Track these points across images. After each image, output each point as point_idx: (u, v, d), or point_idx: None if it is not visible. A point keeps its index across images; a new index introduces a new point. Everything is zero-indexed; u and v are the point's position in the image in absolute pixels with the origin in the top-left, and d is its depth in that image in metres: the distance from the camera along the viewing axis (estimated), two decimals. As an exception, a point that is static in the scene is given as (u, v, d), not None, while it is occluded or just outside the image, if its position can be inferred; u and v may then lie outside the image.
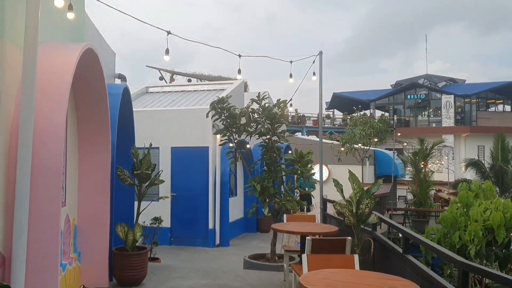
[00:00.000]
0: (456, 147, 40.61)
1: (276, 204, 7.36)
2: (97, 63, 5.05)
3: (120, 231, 5.93)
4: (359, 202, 4.30)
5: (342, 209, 4.40)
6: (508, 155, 27.02)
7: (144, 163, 6.21)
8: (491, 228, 7.74)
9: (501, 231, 7.75)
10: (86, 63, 4.91)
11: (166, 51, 5.97)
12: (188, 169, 11.68)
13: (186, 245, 11.49)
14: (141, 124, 11.74)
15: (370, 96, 45.86)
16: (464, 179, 29.05)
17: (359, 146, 17.58)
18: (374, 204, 4.37)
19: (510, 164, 26.00)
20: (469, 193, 8.52)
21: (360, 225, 4.42)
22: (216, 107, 7.75)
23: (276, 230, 5.47)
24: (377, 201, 15.81)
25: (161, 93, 14.43)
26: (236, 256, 10.37)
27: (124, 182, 6.08)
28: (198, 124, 11.56)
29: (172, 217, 11.78)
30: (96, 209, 5.81)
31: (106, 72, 7.88)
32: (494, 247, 7.88)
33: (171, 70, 30.58)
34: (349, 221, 4.37)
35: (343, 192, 4.76)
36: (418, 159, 18.31)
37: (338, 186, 4.74)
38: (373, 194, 4.47)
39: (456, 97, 42.67)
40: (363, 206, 4.30)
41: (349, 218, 4.33)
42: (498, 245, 7.81)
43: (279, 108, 7.59)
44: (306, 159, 7.36)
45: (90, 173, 5.77)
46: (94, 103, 5.54)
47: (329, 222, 6.97)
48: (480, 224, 7.82)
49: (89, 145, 5.71)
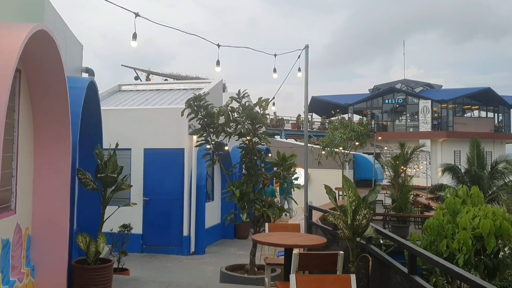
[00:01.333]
0: (433, 152, 40.82)
1: (256, 211, 6.78)
2: (53, 49, 4.38)
3: (81, 242, 5.24)
4: (355, 212, 3.75)
5: (336, 220, 3.84)
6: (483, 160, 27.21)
7: (109, 165, 5.53)
8: (480, 236, 7.37)
9: (491, 240, 7.36)
10: (40, 48, 4.24)
11: (134, 35, 5.32)
12: (162, 172, 11.02)
13: (159, 252, 10.80)
14: (112, 124, 11.03)
15: (348, 100, 45.82)
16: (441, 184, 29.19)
17: (340, 149, 17.15)
18: (373, 215, 3.83)
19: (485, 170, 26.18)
20: (456, 199, 8.14)
21: (355, 239, 3.87)
22: (192, 105, 7.13)
23: (258, 242, 4.89)
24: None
25: (135, 92, 13.71)
26: (212, 265, 9.74)
27: (86, 187, 5.40)
28: (173, 124, 10.92)
29: (145, 223, 11.08)
30: (54, 217, 5.12)
31: (72, 65, 7.19)
32: (483, 256, 7.51)
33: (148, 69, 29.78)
34: (343, 235, 3.82)
35: (336, 200, 4.19)
36: (398, 163, 17.99)
37: (331, 193, 4.17)
38: (370, 203, 3.93)
39: (433, 102, 42.96)
40: (359, 217, 3.75)
41: (344, 231, 3.79)
42: (487, 254, 7.45)
43: (261, 107, 7.03)
44: (289, 162, 6.80)
45: (46, 176, 5.07)
46: (52, 96, 4.87)
47: (314, 232, 6.43)
48: (469, 232, 7.43)
49: (46, 144, 5.03)
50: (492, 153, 38.45)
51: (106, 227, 7.77)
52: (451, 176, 26.80)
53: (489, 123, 44.47)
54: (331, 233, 5.61)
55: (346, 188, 3.90)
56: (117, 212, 6.96)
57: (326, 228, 5.96)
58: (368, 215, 3.75)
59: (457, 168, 27.22)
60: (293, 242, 4.52)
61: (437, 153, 41.59)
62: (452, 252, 7.54)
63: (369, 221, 3.83)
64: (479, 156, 26.83)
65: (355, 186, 3.94)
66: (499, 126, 45.23)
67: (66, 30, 6.61)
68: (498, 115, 45.66)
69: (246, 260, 9.51)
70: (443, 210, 8.36)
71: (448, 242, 7.75)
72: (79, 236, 5.26)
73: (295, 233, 5.39)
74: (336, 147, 16.95)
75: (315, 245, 4.48)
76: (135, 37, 5.30)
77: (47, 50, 4.36)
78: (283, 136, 36.72)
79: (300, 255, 3.71)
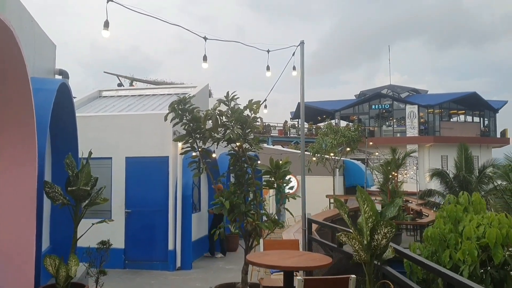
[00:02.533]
0: (420, 157, 40.70)
1: (248, 225, 6.15)
2: (11, 41, 3.73)
3: (49, 265, 4.56)
4: (373, 231, 3.15)
5: (351, 241, 3.24)
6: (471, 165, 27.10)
7: (81, 176, 4.86)
8: (486, 246, 6.93)
9: (498, 250, 6.87)
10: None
11: (105, 23, 4.65)
12: (145, 182, 10.34)
13: (142, 268, 10.10)
14: (91, 131, 10.37)
15: (335, 106, 45.59)
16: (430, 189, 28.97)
17: (331, 156, 16.64)
18: (394, 233, 3.22)
19: (473, 174, 26.05)
20: (458, 207, 7.69)
21: (373, 262, 3.26)
22: (176, 108, 6.49)
23: (253, 264, 4.26)
24: (352, 215, 14.94)
25: (116, 98, 13.03)
26: (200, 281, 9.08)
27: (55, 202, 4.72)
28: (157, 131, 10.27)
29: (127, 236, 10.37)
30: (17, 236, 4.45)
31: (42, 65, 6.52)
32: (489, 268, 7.05)
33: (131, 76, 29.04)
34: (359, 258, 3.22)
35: (348, 215, 3.56)
36: (390, 169, 17.56)
37: (343, 209, 3.54)
38: (391, 219, 3.33)
39: (419, 107, 42.91)
40: (379, 236, 3.15)
41: (360, 253, 3.18)
42: (493, 264, 6.99)
43: (251, 110, 6.43)
44: (284, 170, 6.20)
45: (7, 189, 4.40)
46: (13, 99, 4.20)
47: (315, 249, 5.80)
48: (474, 242, 6.98)
49: (5, 152, 4.36)
50: (479, 157, 38.46)
51: (84, 242, 7.09)
52: (439, 181, 26.61)
53: (475, 128, 44.59)
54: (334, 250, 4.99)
55: (360, 201, 3.30)
56: (96, 226, 6.29)
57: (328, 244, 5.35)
58: (390, 234, 3.16)
59: (445, 173, 27.01)
60: (294, 264, 3.91)
61: (424, 158, 41.50)
62: (456, 264, 7.08)
63: (389, 241, 3.24)
64: (467, 161, 26.74)
65: (370, 198, 3.36)
66: (485, 130, 45.34)
67: (34, 26, 5.94)
68: (484, 120, 45.81)
69: (237, 276, 8.83)
70: (443, 218, 7.90)
71: (451, 252, 7.29)
72: (47, 259, 4.58)
73: (294, 252, 4.78)
74: (326, 153, 16.43)
75: (319, 267, 3.89)
76: (107, 25, 4.65)
77: (3, 42, 3.71)
78: (270, 143, 36.20)
79: (306, 281, 3.11)
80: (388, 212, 3.39)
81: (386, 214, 3.38)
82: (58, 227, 6.70)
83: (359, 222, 3.34)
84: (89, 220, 6.48)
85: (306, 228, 6.34)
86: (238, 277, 7.88)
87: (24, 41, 5.09)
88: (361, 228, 3.29)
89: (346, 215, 3.54)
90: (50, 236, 6.73)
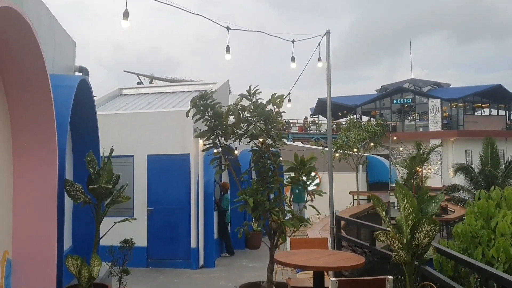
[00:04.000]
0: (444, 152, 39.89)
1: (273, 223, 5.96)
2: (28, 35, 3.61)
3: (71, 266, 4.46)
4: (414, 229, 2.93)
5: (390, 240, 3.02)
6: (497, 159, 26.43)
7: (103, 174, 4.74)
8: (521, 243, 6.64)
9: (535, 248, 6.61)
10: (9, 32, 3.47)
11: (125, 13, 4.48)
12: (167, 180, 10.26)
13: (165, 266, 10.03)
14: (112, 129, 10.32)
15: (356, 101, 44.97)
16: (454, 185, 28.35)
17: (354, 151, 16.33)
18: (438, 231, 2.99)
19: (499, 169, 25.41)
20: (489, 202, 7.40)
21: (414, 263, 3.04)
22: (198, 104, 6.33)
23: (282, 264, 4.07)
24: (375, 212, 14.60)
25: (136, 95, 12.97)
26: (224, 280, 8.96)
27: (76, 200, 4.61)
28: (178, 129, 10.17)
29: (149, 234, 10.31)
30: (38, 237, 4.35)
31: (62, 62, 6.43)
32: (525, 266, 6.75)
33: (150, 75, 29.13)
34: (398, 258, 3.00)
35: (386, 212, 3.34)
36: (414, 164, 17.15)
37: (380, 205, 3.32)
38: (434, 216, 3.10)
39: (442, 101, 42.03)
40: (420, 235, 2.93)
41: (400, 253, 2.96)
42: (530, 263, 6.68)
43: (275, 105, 6.23)
44: (309, 166, 5.99)
45: (28, 188, 4.30)
46: (32, 92, 4.10)
47: (345, 248, 5.58)
48: (508, 239, 6.70)
49: (27, 150, 4.26)
50: (505, 151, 37.50)
51: (107, 241, 7.00)
52: (463, 176, 26.02)
53: (501, 121, 43.46)
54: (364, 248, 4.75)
55: (400, 197, 3.09)
56: (118, 224, 6.19)
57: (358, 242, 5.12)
58: (433, 232, 2.94)
59: (470, 168, 26.39)
60: (325, 264, 3.71)
61: (448, 153, 40.65)
62: (489, 261, 6.79)
63: (432, 240, 3.02)
64: (493, 155, 26.07)
65: (411, 194, 3.13)
66: (511, 123, 44.17)
67: (53, 22, 5.85)
68: (510, 113, 44.63)
69: (260, 274, 8.68)
70: (474, 214, 7.61)
71: (484, 249, 7.00)
72: (69, 259, 4.48)
73: (323, 251, 4.57)
74: (349, 149, 16.13)
75: (352, 267, 3.68)
76: (126, 15, 4.49)
77: (18, 34, 3.60)
78: (290, 139, 35.92)
79: (340, 283, 2.92)
80: (429, 209, 3.16)
81: (427, 210, 3.16)
82: (79, 226, 6.62)
83: (398, 220, 3.12)
84: (111, 218, 6.38)
85: (335, 226, 6.12)
86: (262, 276, 7.71)
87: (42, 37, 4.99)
88: (400, 226, 3.07)
89: (384, 213, 3.32)
90: (72, 235, 6.66)
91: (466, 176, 25.94)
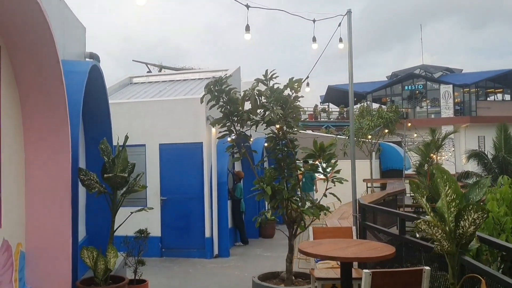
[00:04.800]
0: (456, 138, 39.35)
1: (293, 212, 5.77)
2: (38, 15, 3.41)
3: (86, 258, 4.31)
4: (458, 217, 2.71)
5: (432, 229, 2.80)
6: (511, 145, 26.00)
7: (118, 162, 4.56)
8: (545, 230, 6.42)
9: (562, 234, 6.39)
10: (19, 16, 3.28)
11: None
12: (179, 169, 10.10)
13: (179, 256, 9.91)
14: (124, 118, 10.15)
15: (366, 88, 44.44)
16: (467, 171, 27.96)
17: (368, 139, 16.06)
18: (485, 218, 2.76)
19: (513, 155, 24.99)
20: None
21: (457, 253, 2.82)
22: (212, 90, 6.12)
23: (307, 254, 3.87)
24: (391, 199, 14.39)
25: (147, 84, 12.79)
26: (239, 269, 8.81)
27: (90, 190, 4.44)
28: (190, 117, 9.98)
29: (163, 224, 10.19)
30: (52, 228, 4.20)
31: (72, 48, 6.24)
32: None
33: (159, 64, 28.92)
34: (440, 248, 2.79)
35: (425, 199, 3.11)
36: (429, 150, 16.85)
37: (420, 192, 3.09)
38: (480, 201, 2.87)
39: (454, 86, 41.40)
40: (466, 223, 2.71)
41: (442, 243, 2.75)
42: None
43: (292, 89, 6.01)
44: (329, 153, 5.78)
45: (41, 177, 4.14)
46: (43, 77, 3.91)
47: (369, 237, 5.36)
48: (533, 225, 6.48)
49: (40, 142, 4.09)
50: (519, 137, 36.88)
51: (121, 231, 6.86)
52: (476, 163, 25.67)
53: (514, 106, 42.78)
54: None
55: (441, 182, 2.87)
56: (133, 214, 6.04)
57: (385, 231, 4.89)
58: (479, 219, 2.71)
59: (483, 154, 26.01)
60: (354, 254, 3.51)
61: (460, 139, 40.12)
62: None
63: (478, 228, 2.80)
64: (507, 141, 25.65)
65: (454, 178, 2.90)
66: (525, 109, 43.44)
67: (64, 7, 5.66)
68: (524, 98, 43.91)
69: (275, 263, 8.54)
70: (496, 200, 7.38)
71: (508, 237, 6.78)
72: (84, 251, 4.33)
73: (350, 240, 4.36)
74: (363, 136, 15.85)
75: (384, 257, 3.47)
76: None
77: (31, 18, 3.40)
78: (300, 127, 35.58)
79: (374, 274, 2.73)
80: (473, 195, 2.93)
81: (471, 197, 2.93)
82: (94, 217, 6.48)
83: (439, 207, 2.90)
84: (125, 208, 6.22)
85: (358, 214, 5.91)
86: (277, 265, 7.57)
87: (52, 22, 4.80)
88: (441, 214, 2.85)
89: (424, 200, 3.09)
90: (86, 226, 6.53)
91: (479, 163, 25.57)
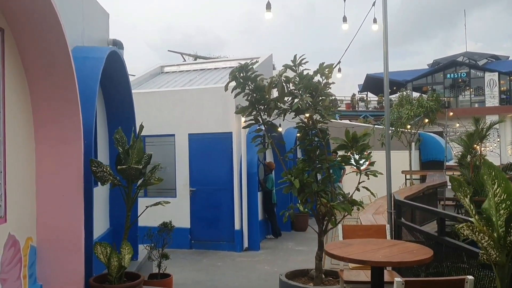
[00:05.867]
0: (502, 129, 37.61)
1: (322, 206, 5.39)
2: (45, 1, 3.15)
3: (100, 254, 4.08)
4: (509, 221, 2.28)
5: (476, 235, 2.38)
6: None
7: (132, 153, 4.30)
8: None
9: None
10: None
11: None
12: (209, 159, 9.85)
13: (208, 248, 9.71)
14: (153, 107, 10.02)
15: (406, 77, 43.02)
16: (513, 163, 26.64)
17: (408, 128, 15.33)
18: None
19: None
20: None
21: (508, 263, 2.39)
22: (237, 76, 5.79)
23: (335, 257, 3.48)
24: (431, 192, 13.70)
25: (178, 73, 12.59)
26: (269, 264, 8.51)
27: (103, 182, 4.20)
28: (219, 106, 9.69)
29: (192, 215, 10.00)
30: (64, 222, 3.99)
31: (93, 34, 6.03)
32: None
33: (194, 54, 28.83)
34: (486, 257, 2.37)
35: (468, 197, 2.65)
36: (472, 141, 15.94)
37: (462, 191, 2.64)
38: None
39: (500, 74, 39.47)
40: (520, 229, 2.28)
41: (490, 251, 2.33)
42: None
43: (323, 75, 5.60)
44: (362, 143, 5.36)
45: (52, 171, 3.93)
46: (52, 63, 3.67)
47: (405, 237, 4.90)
48: None
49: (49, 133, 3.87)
50: None
51: (149, 222, 6.67)
52: (523, 154, 24.44)
53: None
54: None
55: (489, 180, 2.43)
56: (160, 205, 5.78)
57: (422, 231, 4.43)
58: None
59: (530, 144, 24.71)
60: (386, 258, 3.10)
61: (506, 129, 38.35)
62: None
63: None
64: (556, 131, 24.23)
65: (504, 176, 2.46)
66: None
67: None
68: None
69: (307, 258, 8.18)
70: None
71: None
72: (97, 247, 4.10)
73: (382, 241, 3.93)
74: (402, 126, 15.14)
75: (418, 262, 3.06)
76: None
77: None
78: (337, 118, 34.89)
79: (407, 283, 2.34)
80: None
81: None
82: (118, 208, 6.28)
83: (486, 209, 2.46)
84: (154, 199, 6.00)
85: (393, 211, 5.45)
86: (309, 260, 7.19)
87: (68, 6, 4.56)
88: (488, 217, 2.42)
89: (467, 200, 2.64)
90: (110, 217, 6.35)
91: (526, 154, 24.34)
